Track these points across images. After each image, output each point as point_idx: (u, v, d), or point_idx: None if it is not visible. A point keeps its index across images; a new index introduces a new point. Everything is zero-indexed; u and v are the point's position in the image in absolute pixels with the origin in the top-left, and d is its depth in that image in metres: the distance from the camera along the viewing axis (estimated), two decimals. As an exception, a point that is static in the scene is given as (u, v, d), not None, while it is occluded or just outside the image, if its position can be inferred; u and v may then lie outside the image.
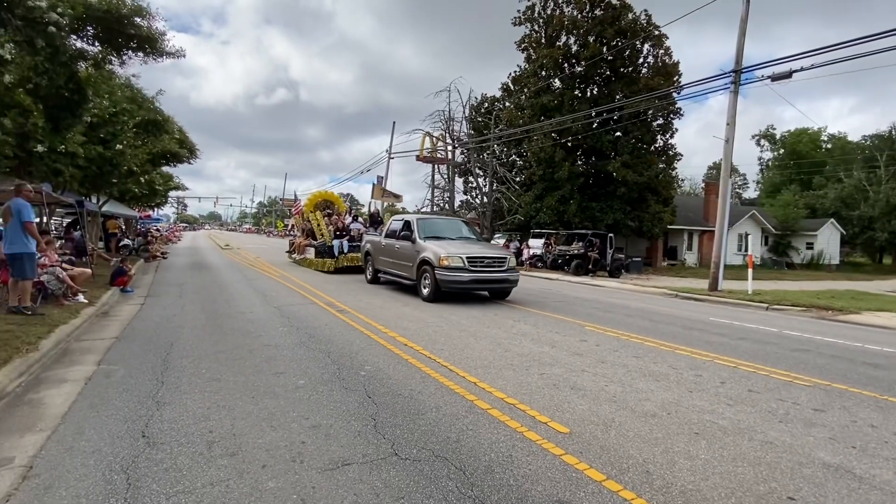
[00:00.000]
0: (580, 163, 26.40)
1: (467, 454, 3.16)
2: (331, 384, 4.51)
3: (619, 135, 25.26)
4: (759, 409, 4.24)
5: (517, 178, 30.32)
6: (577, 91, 26.10)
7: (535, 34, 27.39)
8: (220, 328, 6.89)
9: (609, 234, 21.93)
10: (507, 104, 30.46)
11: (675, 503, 2.69)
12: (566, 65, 25.92)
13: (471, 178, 34.06)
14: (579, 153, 26.47)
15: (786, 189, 45.42)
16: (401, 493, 2.68)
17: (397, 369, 5.05)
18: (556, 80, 26.19)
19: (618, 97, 24.11)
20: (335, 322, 7.54)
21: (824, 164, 50.15)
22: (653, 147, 26.00)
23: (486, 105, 34.22)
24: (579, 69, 25.24)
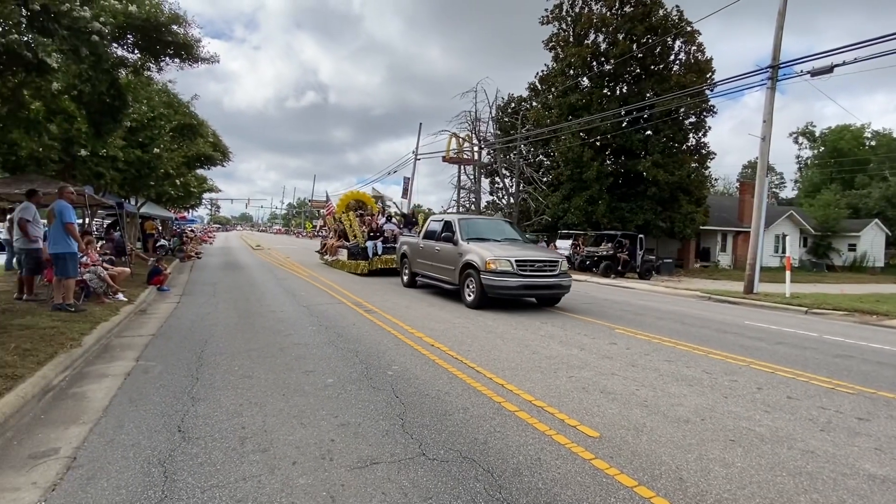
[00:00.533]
0: (609, 162, 25.96)
1: (495, 456, 3.15)
2: (359, 383, 4.55)
3: (649, 133, 24.75)
4: (798, 416, 4.08)
5: (544, 179, 30.04)
6: (605, 90, 25.68)
7: (562, 33, 27.11)
8: (252, 326, 7.05)
9: (639, 235, 21.51)
10: (535, 104, 30.21)
11: (711, 512, 2.61)
12: (595, 63, 25.55)
13: (497, 179, 33.93)
14: (608, 153, 26.04)
15: (826, 188, 43.68)
16: (429, 493, 2.69)
17: (424, 369, 5.06)
18: (585, 78, 25.83)
19: (648, 95, 23.61)
20: (363, 321, 7.62)
21: (868, 163, 48.01)
22: (685, 146, 25.37)
23: (513, 105, 34.04)
24: (608, 67, 24.84)
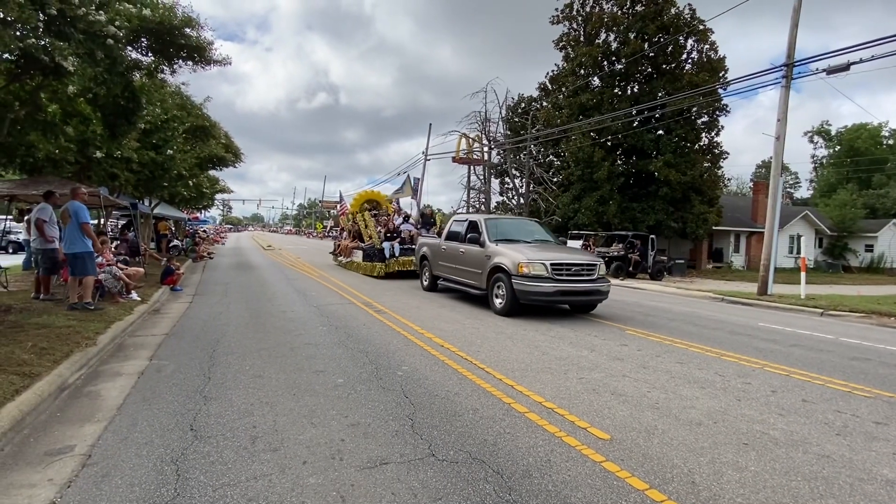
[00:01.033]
0: (620, 162, 25.77)
1: (505, 457, 3.13)
2: (369, 383, 4.56)
3: (661, 133, 24.52)
4: (814, 420, 4.02)
5: (554, 179, 29.91)
6: (616, 89, 25.51)
7: (573, 32, 26.98)
8: (263, 326, 7.11)
9: (650, 236, 21.32)
10: (545, 104, 30.09)
11: (723, 516, 2.58)
12: (605, 62, 25.39)
13: (507, 179, 33.86)
14: (619, 152, 25.84)
15: (842, 188, 42.91)
16: (438, 494, 2.69)
17: (434, 370, 5.06)
18: (595, 78, 25.68)
19: (660, 94, 23.40)
20: (373, 322, 7.64)
21: (886, 162, 47.19)
22: (697, 145, 25.10)
23: (523, 105, 33.94)
24: (619, 67, 24.66)
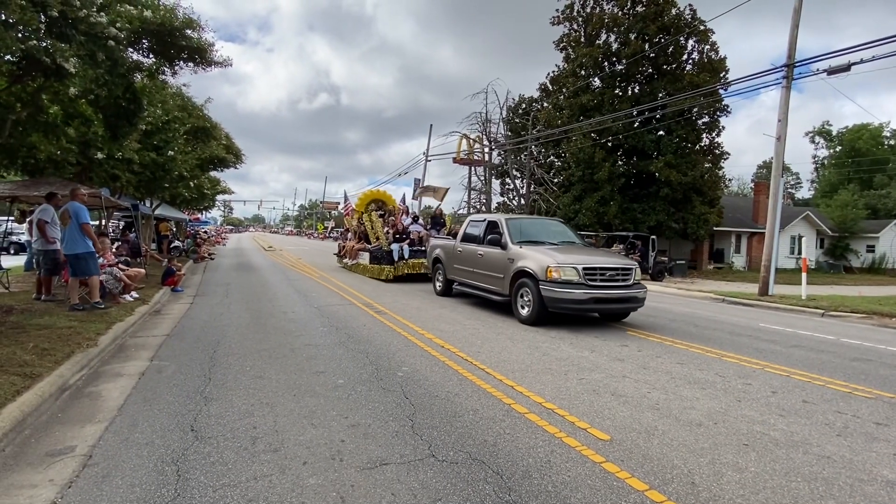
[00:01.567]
0: (621, 163, 25.74)
1: (504, 458, 3.14)
2: (369, 384, 4.57)
3: (661, 134, 24.49)
4: (814, 421, 4.01)
5: (555, 180, 29.88)
6: (617, 90, 25.49)
7: (574, 33, 26.96)
8: (264, 327, 7.12)
9: (651, 237, 21.31)
10: (545, 105, 30.09)
11: (723, 517, 2.58)
12: (606, 63, 25.37)
13: (508, 180, 33.86)
14: (620, 153, 25.83)
15: (844, 188, 42.88)
16: (438, 494, 2.69)
17: (434, 371, 5.07)
18: (596, 79, 25.66)
19: (660, 95, 23.39)
20: (373, 323, 7.65)
21: (887, 162, 47.15)
22: (698, 146, 25.07)
23: (524, 106, 33.95)
24: (620, 67, 24.65)
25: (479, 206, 32.67)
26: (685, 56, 24.96)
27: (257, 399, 4.10)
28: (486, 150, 31.58)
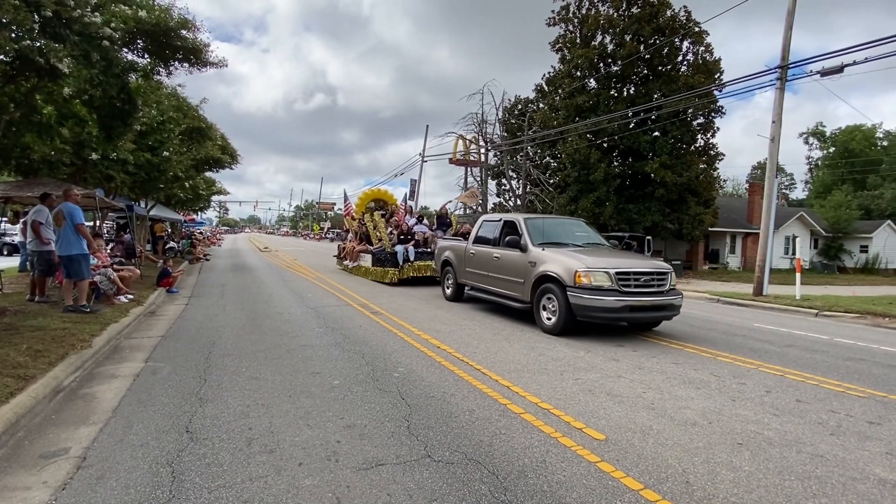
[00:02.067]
0: (616, 164, 25.83)
1: (500, 458, 3.14)
2: (365, 385, 4.57)
3: (657, 135, 24.60)
4: (808, 420, 4.04)
5: (551, 180, 29.96)
6: (612, 91, 25.58)
7: (569, 34, 27.04)
8: (260, 328, 7.10)
9: (647, 237, 21.41)
10: (541, 105, 30.16)
11: (717, 516, 2.59)
12: (601, 64, 25.46)
13: (504, 181, 33.92)
14: (615, 154, 25.91)
15: (837, 189, 43.19)
16: (433, 495, 2.69)
17: (430, 371, 5.07)
18: (592, 80, 25.75)
19: (656, 96, 23.50)
20: (369, 323, 7.64)
21: (880, 163, 47.46)
22: (693, 147, 25.19)
23: (520, 107, 34.02)
24: (615, 69, 24.74)
25: (475, 207, 32.71)
26: (680, 57, 25.08)
27: (253, 400, 4.09)
28: (483, 150, 31.62)
